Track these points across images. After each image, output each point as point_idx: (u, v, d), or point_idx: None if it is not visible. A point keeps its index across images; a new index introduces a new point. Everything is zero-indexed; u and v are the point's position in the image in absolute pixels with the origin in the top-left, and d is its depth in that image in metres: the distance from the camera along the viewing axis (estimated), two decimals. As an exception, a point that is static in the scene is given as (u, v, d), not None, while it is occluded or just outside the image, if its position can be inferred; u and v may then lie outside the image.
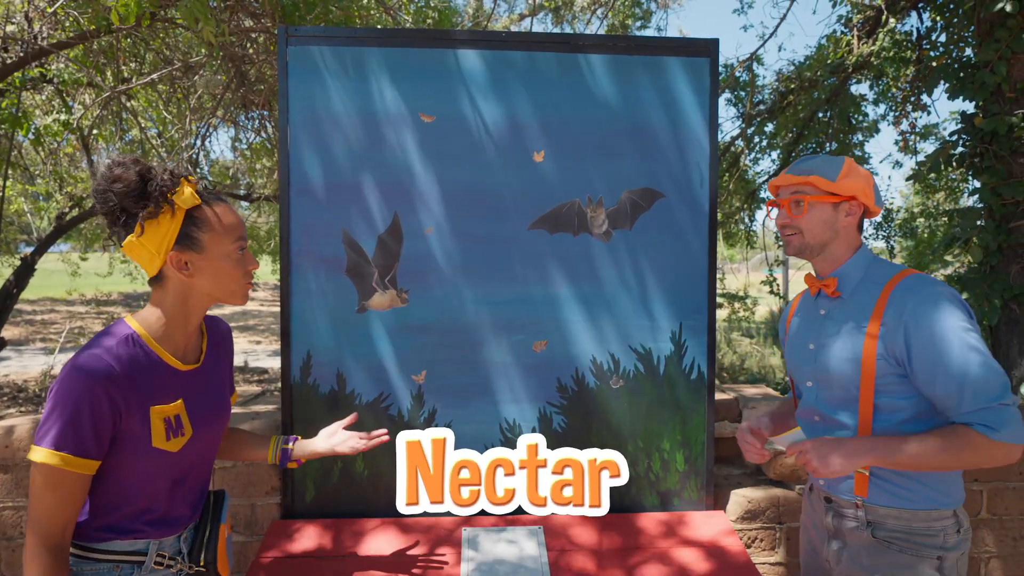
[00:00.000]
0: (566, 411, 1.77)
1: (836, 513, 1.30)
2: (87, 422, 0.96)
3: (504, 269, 1.73)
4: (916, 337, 1.15)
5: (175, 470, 1.10)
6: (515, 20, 11.32)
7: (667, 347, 1.78)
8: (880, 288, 1.23)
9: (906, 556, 1.21)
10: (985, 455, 1.11)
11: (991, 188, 3.02)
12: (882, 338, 1.19)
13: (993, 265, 3.09)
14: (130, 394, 1.01)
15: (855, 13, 5.48)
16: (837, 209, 1.28)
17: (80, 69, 4.97)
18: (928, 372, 1.14)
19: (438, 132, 1.71)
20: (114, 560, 1.06)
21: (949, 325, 1.13)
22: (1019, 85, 2.93)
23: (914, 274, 1.23)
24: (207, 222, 1.06)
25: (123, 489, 1.05)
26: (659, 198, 1.76)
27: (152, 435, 1.04)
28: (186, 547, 1.15)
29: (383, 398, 1.73)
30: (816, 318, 1.34)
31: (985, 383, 1.10)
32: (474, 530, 1.65)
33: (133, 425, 1.02)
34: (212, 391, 1.17)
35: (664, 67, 1.74)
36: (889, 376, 1.20)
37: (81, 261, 7.14)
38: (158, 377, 1.06)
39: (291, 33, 1.68)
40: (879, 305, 1.21)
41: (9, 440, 1.67)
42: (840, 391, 1.26)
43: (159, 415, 1.05)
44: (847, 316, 1.26)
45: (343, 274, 1.71)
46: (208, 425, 1.14)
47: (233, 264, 1.09)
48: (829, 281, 1.30)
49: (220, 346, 1.23)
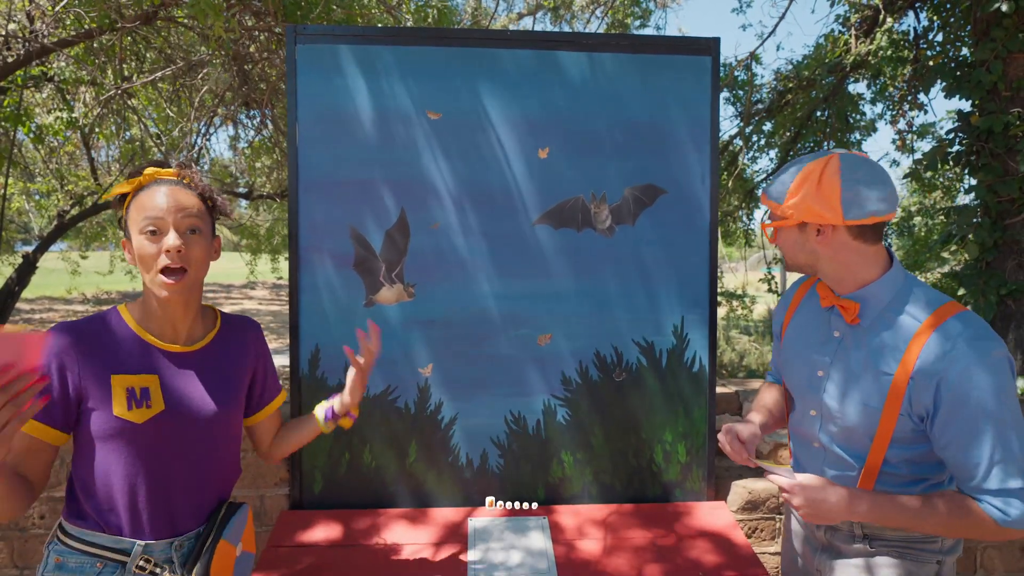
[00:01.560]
0: (570, 403, 1.80)
1: (828, 528, 1.23)
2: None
3: (509, 264, 1.76)
4: (949, 402, 1.01)
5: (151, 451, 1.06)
6: (514, 19, 11.34)
7: (669, 340, 1.81)
8: (914, 328, 1.05)
9: (906, 563, 1.15)
10: (986, 533, 1.03)
11: (987, 186, 3.06)
12: (909, 393, 1.05)
13: (989, 261, 3.13)
14: (86, 359, 1.02)
15: (853, 13, 5.52)
16: (803, 231, 1.11)
17: (81, 67, 4.98)
18: (952, 439, 1.02)
19: (445, 129, 1.74)
20: (97, 555, 1.04)
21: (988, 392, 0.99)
22: (1015, 84, 2.97)
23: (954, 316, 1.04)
24: (130, 211, 1.05)
25: (98, 464, 1.03)
26: (661, 194, 1.79)
27: (113, 403, 1.03)
28: (179, 557, 1.09)
29: (390, 391, 1.76)
30: (828, 339, 1.18)
31: (1013, 463, 1.00)
32: (481, 520, 1.68)
33: (92, 391, 1.02)
34: (208, 378, 1.12)
35: (667, 65, 1.77)
36: (908, 432, 1.09)
37: (81, 259, 7.15)
38: (127, 349, 1.06)
39: (299, 32, 1.70)
40: (910, 354, 1.04)
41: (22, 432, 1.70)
42: (849, 435, 1.15)
43: (121, 383, 1.04)
44: (868, 354, 1.10)
45: (351, 269, 1.74)
46: (191, 409, 1.09)
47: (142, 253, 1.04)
48: (848, 305, 1.11)
49: (235, 341, 1.20)
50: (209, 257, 1.11)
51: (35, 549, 1.72)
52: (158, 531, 1.08)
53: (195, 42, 4.99)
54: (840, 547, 1.21)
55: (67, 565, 1.03)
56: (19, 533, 1.72)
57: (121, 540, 1.05)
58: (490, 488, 1.78)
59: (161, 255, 1.03)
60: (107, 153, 6.67)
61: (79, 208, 5.19)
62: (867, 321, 1.11)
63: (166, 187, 1.06)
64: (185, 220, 1.05)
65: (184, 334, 1.13)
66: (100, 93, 5.12)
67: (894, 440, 1.09)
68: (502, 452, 1.78)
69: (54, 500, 1.72)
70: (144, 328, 1.09)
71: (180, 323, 1.12)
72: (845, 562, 1.20)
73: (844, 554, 1.20)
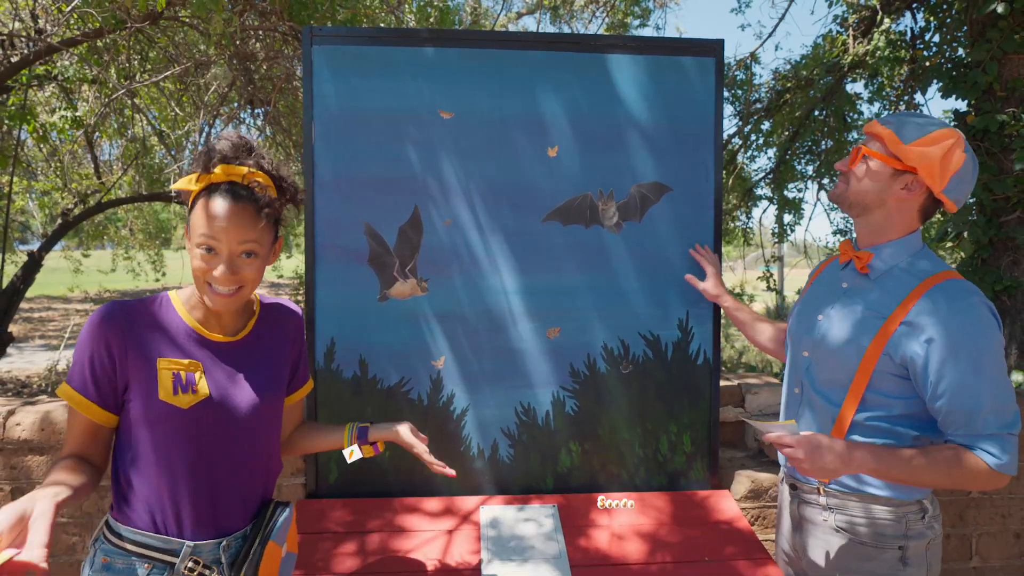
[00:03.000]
0: (578, 395, 1.85)
1: (800, 500, 1.26)
2: (87, 361, 1.02)
3: (520, 259, 1.81)
4: (941, 348, 1.07)
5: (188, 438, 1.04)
6: (512, 18, 11.38)
7: (674, 334, 1.86)
8: (914, 284, 1.13)
9: (867, 548, 1.17)
10: (980, 481, 1.07)
11: (982, 184, 3.12)
12: (896, 337, 1.11)
13: (984, 258, 3.19)
14: (133, 340, 1.03)
15: (851, 13, 5.58)
16: (895, 178, 1.13)
17: (85, 66, 5.01)
18: (945, 386, 1.07)
19: (457, 128, 1.78)
20: (146, 555, 1.02)
21: (981, 343, 1.06)
22: (1010, 84, 3.03)
23: (955, 279, 1.12)
24: (193, 211, 1.04)
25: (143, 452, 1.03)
26: (667, 192, 1.84)
27: (159, 387, 1.02)
28: (227, 558, 1.08)
29: (404, 383, 1.81)
30: (836, 290, 1.25)
31: (1003, 409, 1.06)
32: (492, 509, 1.73)
33: (138, 373, 1.02)
34: (249, 368, 1.12)
35: (672, 66, 1.82)
36: (887, 374, 1.14)
37: (83, 257, 7.18)
38: (173, 334, 1.06)
39: (315, 33, 1.75)
40: (907, 302, 1.11)
41: (47, 424, 1.74)
42: (833, 373, 1.20)
43: (167, 367, 1.03)
44: (868, 300, 1.17)
45: (365, 264, 1.78)
46: (234, 398, 1.08)
47: (194, 262, 1.04)
48: (863, 255, 1.19)
49: (275, 329, 1.20)
50: (263, 271, 1.09)
51: (57, 537, 1.76)
52: (204, 527, 1.06)
53: (199, 41, 5.03)
54: (807, 526, 1.25)
55: (114, 566, 1.02)
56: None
57: (170, 540, 1.03)
58: (500, 477, 1.83)
59: (212, 273, 1.02)
60: (109, 152, 6.70)
61: (83, 207, 5.23)
62: (875, 274, 1.18)
63: (230, 204, 1.01)
64: (242, 245, 1.02)
65: (231, 323, 1.14)
66: (104, 92, 5.15)
67: (871, 383, 1.14)
68: (512, 442, 1.83)
69: (76, 490, 1.76)
70: (192, 316, 1.09)
71: (226, 318, 1.13)
72: (814, 542, 1.24)
73: (812, 531, 1.24)
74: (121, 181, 5.48)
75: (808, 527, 1.25)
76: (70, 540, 1.77)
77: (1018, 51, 2.97)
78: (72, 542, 1.77)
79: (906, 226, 1.17)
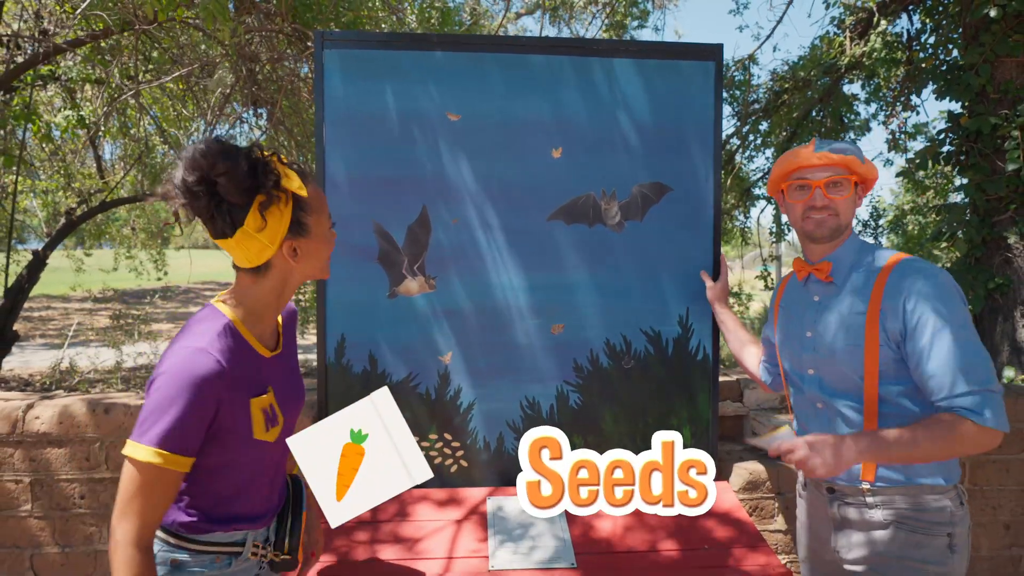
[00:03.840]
0: (582, 389, 1.90)
1: (841, 503, 1.27)
2: (193, 422, 0.93)
3: (525, 257, 1.86)
4: (912, 318, 1.14)
5: (272, 460, 1.10)
6: (511, 19, 11.43)
7: (675, 330, 1.91)
8: (876, 273, 1.21)
9: (918, 535, 1.19)
10: (972, 442, 1.10)
11: (975, 184, 3.18)
12: (882, 323, 1.17)
13: (978, 257, 3.25)
14: (234, 389, 0.98)
15: (848, 15, 5.64)
16: (856, 192, 1.29)
17: (88, 66, 5.05)
18: (921, 353, 1.14)
19: (463, 130, 1.83)
20: (216, 552, 1.06)
21: (944, 308, 1.13)
22: (1002, 86, 3.09)
23: (909, 257, 1.22)
24: (311, 205, 1.02)
25: (231, 484, 1.05)
26: (668, 192, 1.90)
27: (253, 427, 1.02)
28: (273, 535, 1.17)
29: (412, 377, 1.86)
30: (809, 304, 1.32)
31: (975, 367, 1.10)
32: (497, 500, 1.79)
33: (234, 419, 0.99)
34: (291, 375, 1.16)
35: (673, 70, 1.88)
36: (891, 361, 1.19)
37: (85, 256, 7.22)
38: (252, 368, 1.03)
39: (327, 37, 1.80)
40: (876, 290, 1.19)
41: (66, 418, 1.79)
42: (843, 378, 1.24)
43: (258, 406, 1.03)
44: (843, 302, 1.24)
45: (375, 262, 1.84)
46: (293, 410, 1.14)
47: (328, 242, 1.08)
48: (822, 265, 1.27)
49: (290, 328, 1.22)
50: None
51: (76, 528, 1.82)
52: (265, 520, 1.12)
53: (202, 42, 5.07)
54: (853, 523, 1.25)
55: (186, 565, 1.04)
56: (61, 513, 1.81)
57: (235, 534, 1.08)
58: (506, 469, 1.88)
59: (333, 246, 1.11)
60: (111, 151, 6.74)
61: (86, 206, 5.27)
62: (839, 279, 1.27)
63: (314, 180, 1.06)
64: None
65: (272, 333, 1.13)
66: (108, 92, 5.19)
67: (882, 375, 1.19)
68: (518, 435, 1.89)
69: (93, 481, 1.81)
70: (253, 335, 1.05)
71: (275, 324, 1.13)
72: (860, 538, 1.24)
73: (858, 528, 1.24)
74: (123, 180, 5.52)
75: (854, 526, 1.25)
76: (88, 530, 1.82)
77: (1010, 54, 3.03)
78: (90, 532, 1.82)
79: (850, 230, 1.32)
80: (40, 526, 1.81)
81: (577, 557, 1.55)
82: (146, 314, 8.75)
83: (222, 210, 0.95)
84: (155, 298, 10.93)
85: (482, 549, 1.57)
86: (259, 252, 0.99)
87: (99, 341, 8.25)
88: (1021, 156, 2.96)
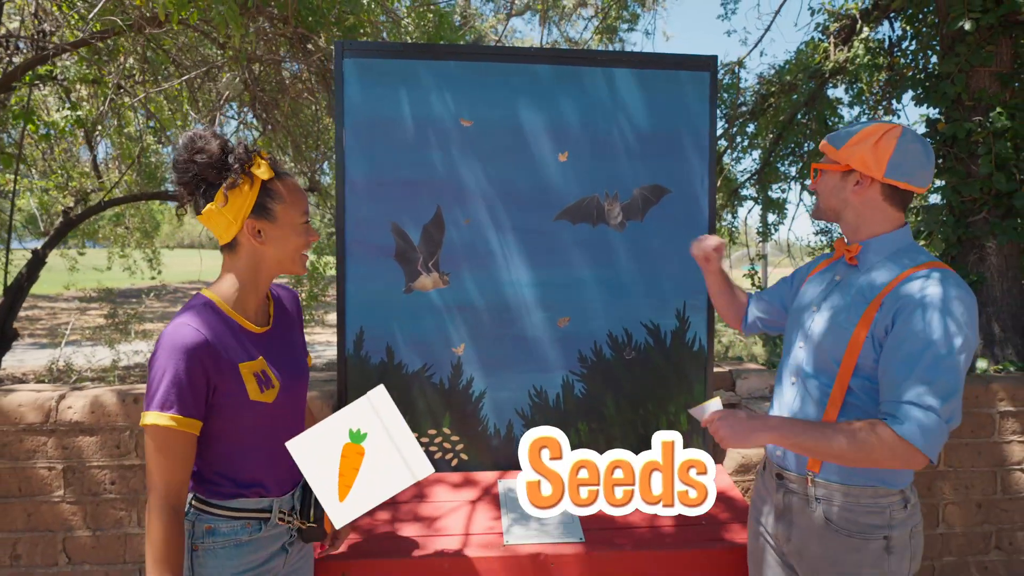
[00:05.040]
0: (586, 379, 2.03)
1: (786, 490, 1.28)
2: (185, 383, 1.05)
3: (532, 255, 1.98)
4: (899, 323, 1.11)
5: (276, 423, 1.18)
6: (501, 19, 11.54)
7: (673, 323, 2.04)
8: (899, 271, 1.17)
9: (854, 540, 1.19)
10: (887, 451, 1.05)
11: (952, 187, 3.35)
12: (875, 321, 1.15)
13: (954, 256, 3.42)
14: (217, 355, 1.08)
15: (832, 21, 5.82)
16: (844, 180, 1.24)
17: (86, 66, 5.09)
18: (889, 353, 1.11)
19: (476, 135, 1.95)
20: (245, 517, 1.16)
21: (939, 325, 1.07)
22: (976, 95, 3.26)
23: (939, 267, 1.15)
24: (279, 194, 1.13)
25: (243, 448, 1.15)
26: (666, 193, 2.03)
27: (248, 390, 1.12)
28: (298, 503, 1.24)
29: (427, 368, 1.97)
30: (830, 282, 1.31)
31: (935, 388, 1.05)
32: (508, 482, 1.90)
33: (227, 383, 1.10)
34: (286, 351, 1.24)
35: (671, 80, 2.01)
36: (870, 359, 1.17)
37: (79, 256, 7.22)
38: (237, 339, 1.14)
39: (347, 47, 1.91)
40: (888, 288, 1.16)
41: (97, 407, 1.88)
42: (822, 359, 1.24)
43: (248, 370, 1.13)
44: (856, 289, 1.22)
45: (392, 259, 1.95)
46: (291, 380, 1.22)
47: (298, 234, 1.17)
48: (852, 247, 1.26)
49: (287, 311, 1.30)
50: None
51: (106, 512, 1.91)
52: (284, 485, 1.22)
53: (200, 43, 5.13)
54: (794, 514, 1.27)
55: (219, 530, 1.14)
56: (92, 498, 1.90)
57: (261, 501, 1.17)
58: (515, 454, 1.99)
59: (312, 241, 1.20)
60: (105, 150, 6.75)
61: (84, 205, 5.30)
62: (864, 266, 1.23)
63: (294, 179, 1.17)
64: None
65: (261, 312, 1.23)
66: (104, 92, 5.23)
67: (858, 367, 1.18)
68: (526, 422, 2.01)
69: (123, 467, 1.90)
70: (237, 313, 1.16)
71: (262, 300, 1.22)
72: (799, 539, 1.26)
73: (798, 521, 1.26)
74: (121, 180, 5.56)
75: (795, 517, 1.27)
76: (118, 515, 1.91)
77: (984, 65, 3.20)
78: (120, 516, 1.91)
79: (885, 218, 1.22)
80: (72, 511, 1.90)
81: (584, 533, 1.67)
82: (138, 313, 8.75)
83: (200, 188, 1.10)
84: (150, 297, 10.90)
85: (496, 526, 1.69)
86: (226, 228, 1.12)
87: (90, 340, 8.24)
88: (992, 161, 3.14)
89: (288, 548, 1.24)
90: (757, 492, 1.41)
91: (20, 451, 1.87)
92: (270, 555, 1.20)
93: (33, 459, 1.88)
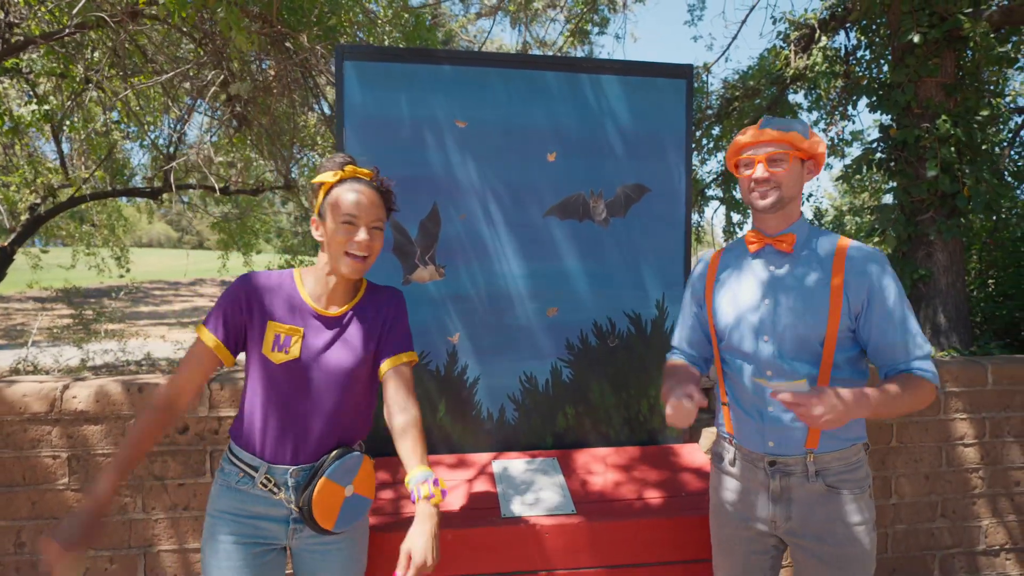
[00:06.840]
0: (573, 365, 2.16)
1: (783, 473, 1.33)
2: (222, 307, 1.28)
3: (523, 249, 2.11)
4: (879, 295, 1.27)
5: (280, 388, 1.27)
6: (471, 19, 11.63)
7: (653, 312, 2.20)
8: (832, 248, 1.32)
9: (855, 493, 1.30)
10: (928, 398, 1.25)
11: (903, 188, 3.61)
12: (846, 295, 1.28)
13: (904, 252, 3.69)
14: (260, 303, 1.29)
15: (792, 30, 6.12)
16: (803, 167, 1.35)
17: (53, 59, 5.00)
18: (884, 324, 1.27)
19: (470, 135, 2.07)
20: (238, 466, 1.29)
21: (896, 287, 1.29)
22: (924, 103, 3.52)
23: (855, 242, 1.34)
24: (331, 203, 1.29)
25: (252, 397, 1.29)
26: (646, 192, 2.18)
27: (263, 343, 1.28)
28: (293, 484, 1.29)
29: (424, 356, 2.08)
30: (765, 276, 1.36)
31: (921, 336, 1.29)
32: (502, 462, 2.02)
33: (255, 329, 1.29)
34: (342, 340, 1.32)
35: (651, 86, 2.16)
36: (847, 331, 1.29)
37: (43, 254, 7.03)
38: (287, 303, 1.30)
39: (347, 51, 2.00)
40: (838, 264, 1.29)
41: (102, 396, 1.93)
42: (803, 343, 1.29)
43: (272, 329, 1.28)
44: (806, 272, 1.31)
45: (391, 252, 2.04)
46: (322, 363, 1.28)
47: (334, 239, 1.28)
48: (784, 237, 1.33)
49: (376, 307, 1.38)
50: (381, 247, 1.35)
51: (111, 499, 1.95)
52: (279, 457, 1.28)
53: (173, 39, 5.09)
54: (792, 491, 1.32)
55: (223, 468, 1.33)
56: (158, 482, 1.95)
57: (253, 458, 1.28)
58: (507, 437, 2.12)
59: (351, 243, 1.28)
60: (71, 146, 6.61)
61: (52, 202, 5.19)
62: (797, 252, 1.34)
63: (362, 186, 1.32)
64: (373, 222, 1.31)
65: (337, 300, 1.34)
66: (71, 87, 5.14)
67: (839, 342, 1.29)
68: (517, 407, 2.13)
69: (128, 455, 1.95)
70: (307, 292, 1.32)
71: (337, 292, 1.33)
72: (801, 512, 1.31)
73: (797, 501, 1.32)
74: (91, 176, 5.47)
75: (793, 495, 1.33)
76: (122, 501, 1.96)
77: (931, 75, 3.46)
78: (124, 503, 1.96)
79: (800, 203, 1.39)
80: (77, 498, 1.94)
81: (576, 505, 1.81)
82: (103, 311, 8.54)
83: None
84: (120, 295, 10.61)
85: (493, 502, 1.81)
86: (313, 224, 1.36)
87: (53, 341, 8.01)
88: (939, 164, 3.41)
89: (294, 524, 1.30)
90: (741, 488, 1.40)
91: (24, 440, 1.91)
92: (267, 516, 1.29)
93: (37, 448, 1.91)
